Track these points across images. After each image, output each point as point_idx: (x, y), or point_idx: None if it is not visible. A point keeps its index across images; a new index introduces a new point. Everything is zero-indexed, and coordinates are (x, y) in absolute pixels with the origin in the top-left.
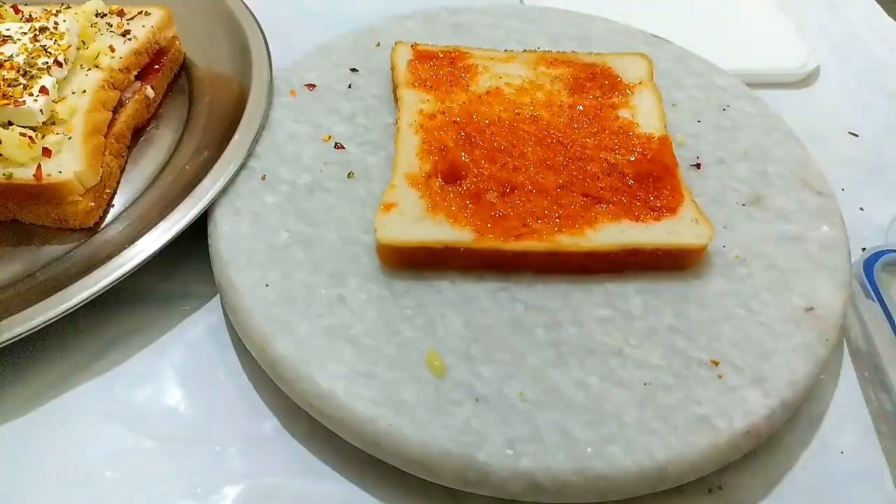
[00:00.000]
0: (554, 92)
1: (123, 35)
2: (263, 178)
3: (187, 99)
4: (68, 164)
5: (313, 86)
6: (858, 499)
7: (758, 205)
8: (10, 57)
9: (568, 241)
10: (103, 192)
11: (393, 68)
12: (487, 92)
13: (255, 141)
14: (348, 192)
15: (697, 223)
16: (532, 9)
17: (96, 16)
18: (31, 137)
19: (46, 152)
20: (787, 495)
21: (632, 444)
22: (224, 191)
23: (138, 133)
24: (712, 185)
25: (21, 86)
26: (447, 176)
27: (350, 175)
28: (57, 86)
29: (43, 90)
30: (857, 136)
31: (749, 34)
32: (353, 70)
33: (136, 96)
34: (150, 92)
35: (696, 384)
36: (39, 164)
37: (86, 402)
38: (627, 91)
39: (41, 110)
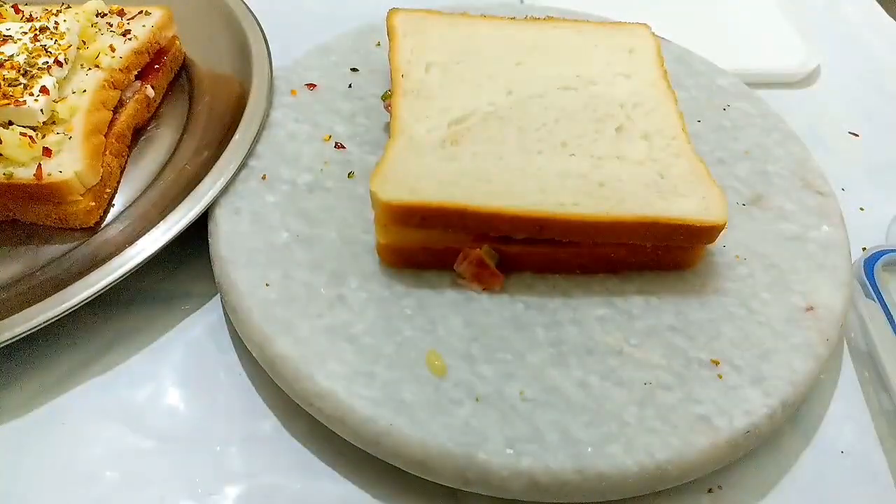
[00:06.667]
0: None
1: (124, 35)
2: (264, 177)
3: (187, 99)
4: (68, 163)
5: (314, 85)
6: (858, 499)
7: (758, 205)
8: (10, 57)
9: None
10: (103, 192)
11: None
12: None
13: (256, 140)
14: (348, 191)
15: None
16: (532, 9)
17: (97, 15)
18: (31, 137)
19: (47, 152)
20: (787, 495)
21: (632, 444)
22: (224, 190)
23: (138, 133)
24: None
25: (21, 85)
26: None
27: (350, 175)
28: (57, 85)
29: (43, 90)
30: (857, 136)
31: (749, 34)
32: (354, 70)
33: (137, 96)
34: (150, 92)
35: (696, 384)
36: (40, 164)
37: (86, 402)
38: None
39: (41, 110)
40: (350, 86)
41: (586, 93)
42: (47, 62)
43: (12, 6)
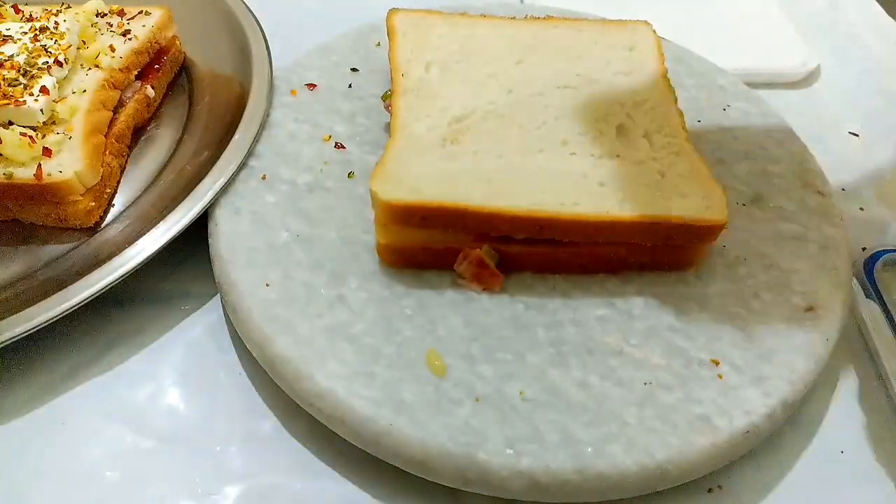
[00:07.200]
0: None
1: (124, 35)
2: (264, 177)
3: (187, 99)
4: (69, 163)
5: (314, 85)
6: (858, 499)
7: (758, 205)
8: (10, 57)
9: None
10: (104, 192)
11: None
12: None
13: (256, 140)
14: (348, 191)
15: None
16: (531, 8)
17: (96, 15)
18: (31, 137)
19: (47, 152)
20: (787, 495)
21: (632, 444)
22: (224, 190)
23: (138, 133)
24: None
25: (21, 85)
26: None
27: (350, 175)
28: (57, 85)
29: (43, 90)
30: (857, 136)
31: (749, 34)
32: (354, 70)
33: (137, 96)
34: (150, 92)
35: (696, 384)
36: (40, 164)
37: (86, 402)
38: None
39: (42, 110)
40: (350, 86)
41: (587, 91)
42: (47, 62)
43: (12, 6)
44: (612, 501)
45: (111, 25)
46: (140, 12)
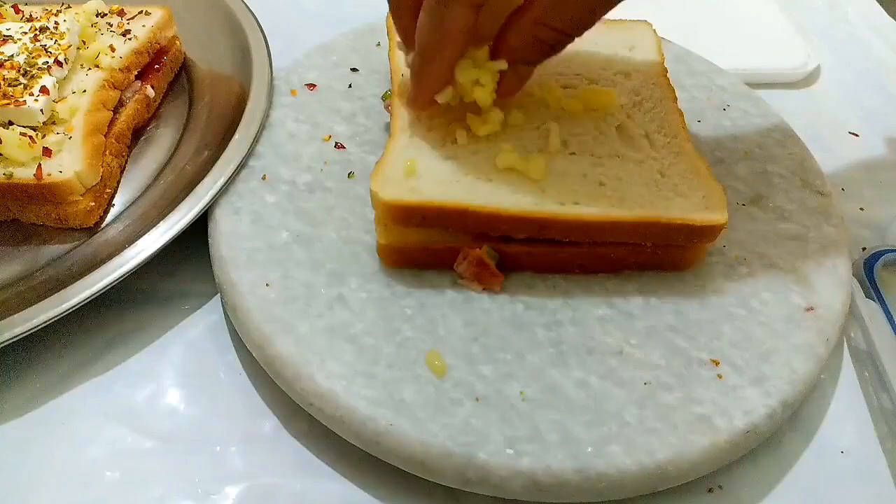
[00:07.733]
0: None
1: (124, 35)
2: (264, 177)
3: (187, 99)
4: (69, 163)
5: (314, 85)
6: (858, 499)
7: (758, 205)
8: (10, 57)
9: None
10: (103, 192)
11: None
12: None
13: (256, 140)
14: (348, 191)
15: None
16: None
17: (97, 15)
18: (31, 137)
19: (47, 152)
20: (787, 495)
21: (632, 444)
22: (224, 190)
23: (138, 133)
24: None
25: (21, 85)
26: None
27: (350, 175)
28: (57, 85)
29: (43, 90)
30: (857, 136)
31: (749, 34)
32: (354, 70)
33: (137, 96)
34: (150, 92)
35: (696, 384)
36: (40, 164)
37: (86, 402)
38: None
39: (41, 110)
40: (350, 86)
41: (587, 91)
42: (47, 62)
43: (12, 6)
44: (612, 501)
45: (111, 25)
46: (140, 12)
